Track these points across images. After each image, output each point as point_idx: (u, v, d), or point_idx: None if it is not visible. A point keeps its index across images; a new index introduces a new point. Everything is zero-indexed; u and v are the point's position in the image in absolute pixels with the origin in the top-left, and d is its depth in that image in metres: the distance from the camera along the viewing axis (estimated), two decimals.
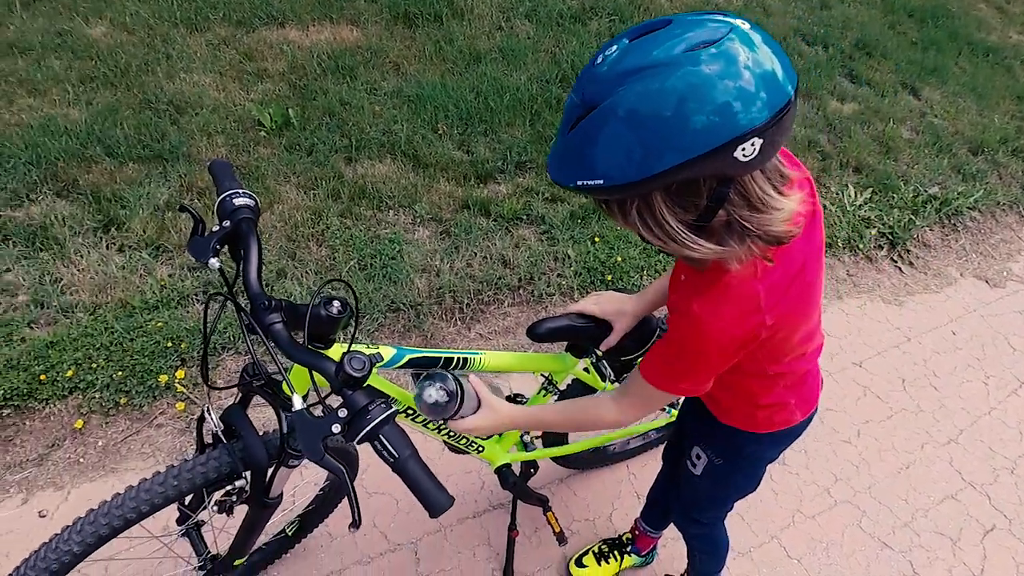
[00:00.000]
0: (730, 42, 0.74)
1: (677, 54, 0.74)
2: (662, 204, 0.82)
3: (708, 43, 0.74)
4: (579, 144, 0.80)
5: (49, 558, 1.11)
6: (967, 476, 2.42)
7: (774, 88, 0.75)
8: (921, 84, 4.56)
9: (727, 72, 0.73)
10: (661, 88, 0.74)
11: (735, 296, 0.94)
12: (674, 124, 0.74)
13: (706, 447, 1.38)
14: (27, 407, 2.04)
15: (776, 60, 0.76)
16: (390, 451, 0.88)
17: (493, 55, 3.65)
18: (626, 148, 0.76)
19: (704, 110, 0.73)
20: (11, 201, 2.52)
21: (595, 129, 0.78)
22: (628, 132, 0.76)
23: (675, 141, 0.74)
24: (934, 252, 3.49)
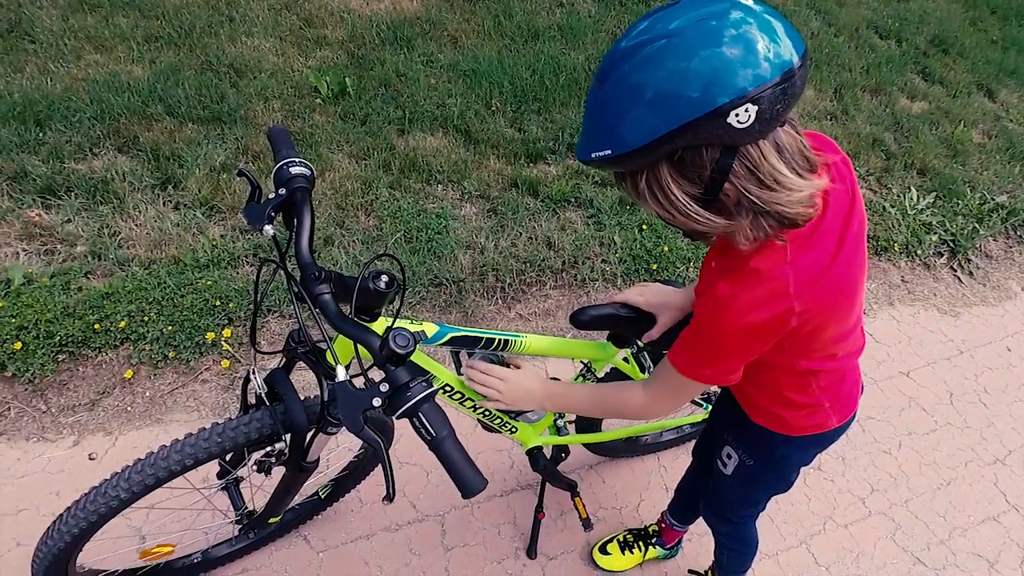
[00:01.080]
0: (726, 14, 0.77)
1: (675, 27, 0.78)
2: (668, 175, 0.85)
3: (707, 17, 0.77)
4: (592, 118, 0.86)
5: (98, 502, 1.16)
6: (1012, 498, 2.34)
7: (772, 56, 0.77)
8: (998, 86, 4.33)
9: (719, 40, 0.76)
10: (658, 58, 0.78)
11: (763, 278, 0.93)
12: (668, 91, 0.78)
13: (737, 447, 1.36)
14: (81, 354, 2.13)
15: (777, 29, 0.78)
16: (428, 429, 0.89)
17: (552, 32, 3.60)
18: (628, 118, 0.80)
19: (696, 76, 0.76)
20: (75, 154, 2.60)
21: (602, 102, 0.83)
22: (630, 102, 0.80)
23: (670, 107, 0.78)
24: (996, 264, 3.34)
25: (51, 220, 2.40)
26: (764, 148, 0.83)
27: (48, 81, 2.82)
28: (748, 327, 0.96)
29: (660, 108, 0.79)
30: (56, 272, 2.26)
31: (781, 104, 0.79)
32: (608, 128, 0.83)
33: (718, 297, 0.96)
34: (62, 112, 2.70)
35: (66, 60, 2.95)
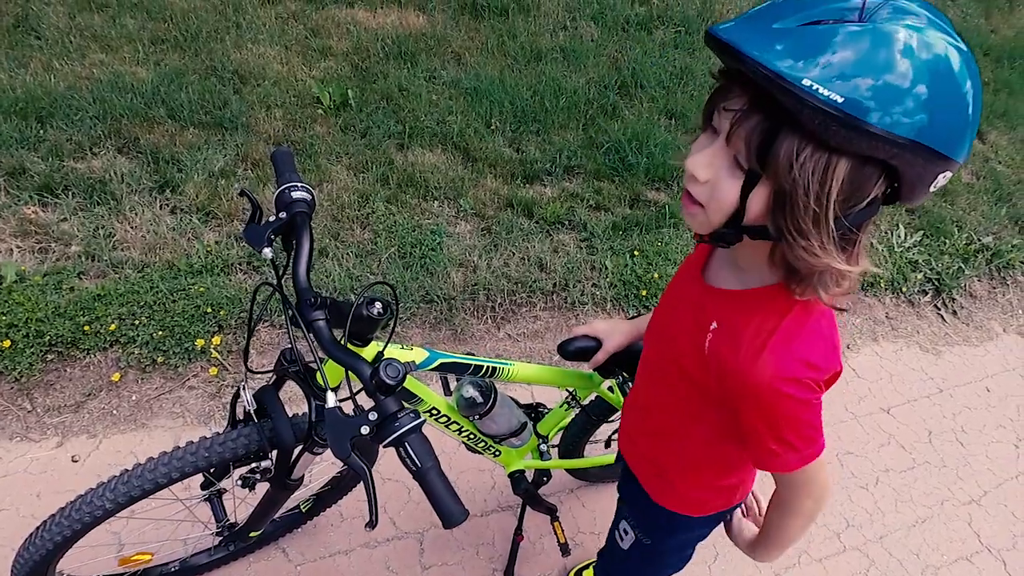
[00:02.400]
0: (973, 63, 0.69)
1: (965, 50, 0.68)
2: (840, 175, 0.70)
3: (969, 57, 0.69)
4: (829, 43, 0.66)
5: (83, 511, 1.17)
6: (985, 539, 2.37)
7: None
8: (988, 127, 4.42)
9: (978, 87, 0.70)
10: (946, 50, 0.66)
11: (822, 316, 0.87)
12: (945, 103, 0.67)
13: (635, 525, 1.31)
14: (69, 355, 2.13)
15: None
16: (414, 459, 0.91)
17: (554, 54, 3.65)
18: (885, 89, 0.65)
19: (963, 110, 0.68)
20: (75, 153, 2.61)
21: (863, 43, 0.65)
22: (900, 76, 0.65)
23: (932, 119, 0.66)
24: (979, 304, 3.40)
25: (47, 218, 2.41)
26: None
27: (52, 78, 2.84)
28: (810, 382, 0.87)
29: (920, 106, 0.66)
30: (49, 271, 2.27)
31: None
32: (851, 75, 0.65)
33: (769, 362, 0.84)
34: (64, 110, 2.71)
35: (71, 58, 2.97)
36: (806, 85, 0.65)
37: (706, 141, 0.79)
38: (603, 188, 3.05)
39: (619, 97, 3.53)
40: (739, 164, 0.75)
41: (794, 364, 0.85)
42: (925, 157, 0.68)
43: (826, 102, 0.64)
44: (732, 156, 0.75)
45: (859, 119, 0.65)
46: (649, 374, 1.17)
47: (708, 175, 0.78)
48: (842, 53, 0.65)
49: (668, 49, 3.91)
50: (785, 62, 0.66)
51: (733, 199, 0.76)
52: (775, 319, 0.86)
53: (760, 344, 0.86)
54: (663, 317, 1.14)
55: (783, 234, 0.74)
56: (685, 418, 1.08)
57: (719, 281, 0.97)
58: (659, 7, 4.19)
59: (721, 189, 0.77)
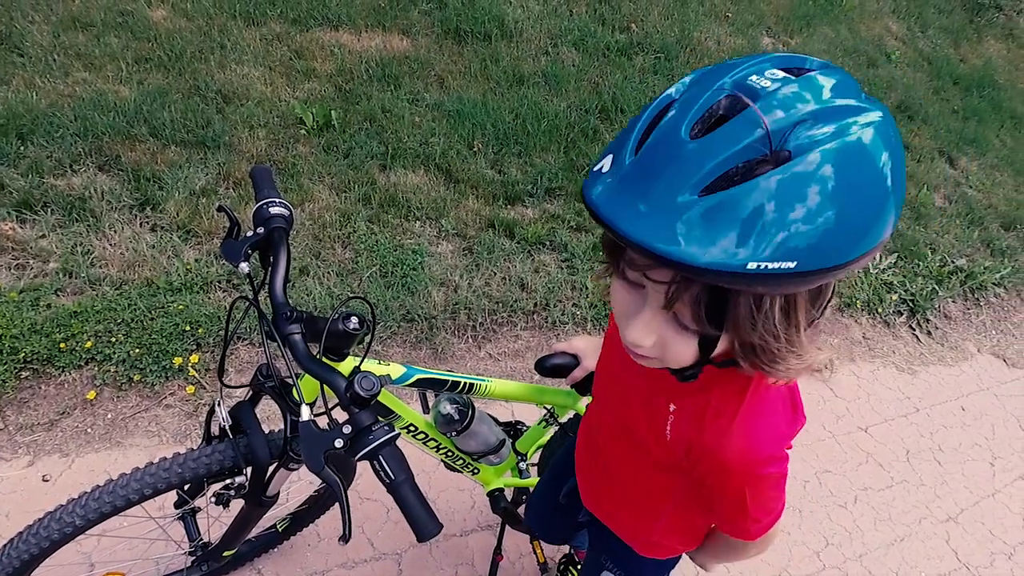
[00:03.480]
0: (889, 119, 0.64)
1: (878, 119, 0.61)
2: (802, 304, 0.67)
3: (884, 120, 0.63)
4: (763, 211, 0.57)
5: (52, 527, 1.15)
6: (963, 557, 2.39)
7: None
8: (959, 153, 4.54)
9: (899, 160, 0.64)
10: (871, 151, 0.60)
11: (774, 390, 0.85)
12: (881, 198, 0.62)
13: (620, 572, 1.30)
14: (44, 372, 2.10)
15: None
16: (387, 472, 0.91)
17: (536, 79, 3.70)
18: (828, 221, 0.59)
19: (898, 191, 0.63)
20: (55, 170, 2.60)
21: (790, 194, 0.57)
22: (832, 202, 0.58)
23: (879, 219, 0.62)
24: (954, 324, 3.47)
25: (25, 235, 2.39)
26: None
27: (34, 95, 2.83)
28: (783, 456, 0.87)
29: (868, 219, 0.61)
30: (26, 287, 2.24)
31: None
32: (796, 231, 0.58)
33: (739, 443, 0.83)
34: (45, 127, 2.70)
35: (54, 76, 2.96)
36: (752, 268, 0.58)
37: (630, 298, 0.73)
38: (584, 210, 3.07)
39: (600, 121, 3.58)
40: (686, 326, 0.70)
41: (765, 443, 0.84)
42: (861, 259, 0.64)
43: (777, 273, 0.59)
44: (674, 317, 0.70)
45: (818, 270, 0.60)
46: (607, 442, 1.13)
47: (652, 340, 0.72)
48: (774, 215, 0.57)
49: (647, 75, 3.99)
50: (715, 254, 0.58)
51: (691, 354, 0.72)
52: (734, 396, 0.83)
53: (725, 425, 0.83)
54: (613, 398, 1.08)
55: (760, 367, 0.71)
56: (653, 492, 1.07)
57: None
58: (639, 34, 4.28)
59: (674, 350, 0.72)
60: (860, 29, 5.30)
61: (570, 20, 4.17)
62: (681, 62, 4.19)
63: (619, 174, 0.63)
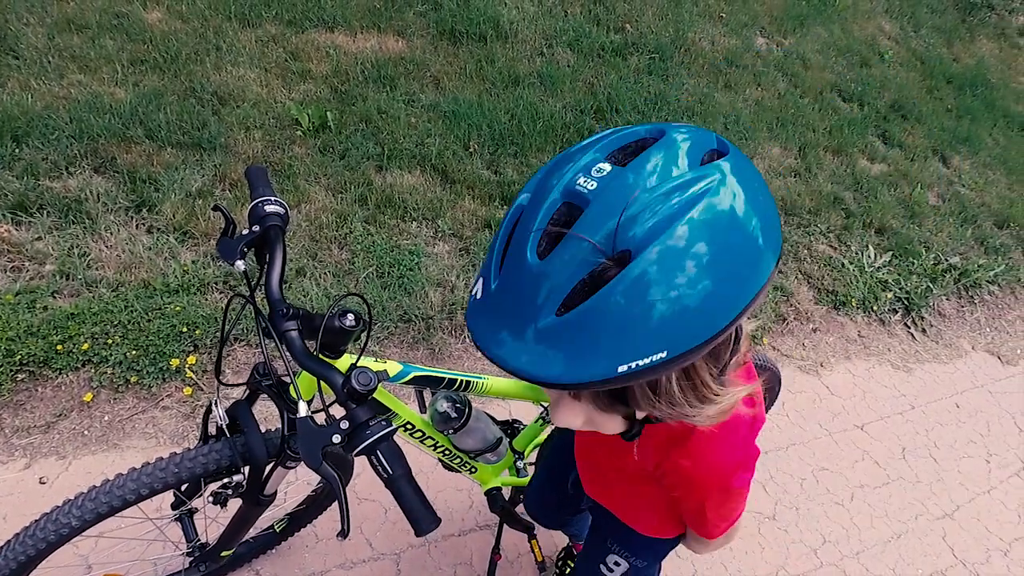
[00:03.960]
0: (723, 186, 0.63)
1: (715, 182, 0.62)
2: (701, 367, 0.69)
3: (737, 191, 0.63)
4: (616, 313, 0.58)
5: (48, 529, 1.15)
6: (959, 553, 2.40)
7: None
8: (952, 152, 4.56)
9: (759, 197, 0.65)
10: (717, 219, 0.60)
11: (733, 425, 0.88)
12: (744, 254, 0.62)
13: (628, 555, 1.33)
14: (41, 374, 2.10)
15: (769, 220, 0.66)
16: (385, 467, 0.91)
17: (532, 80, 3.71)
18: (685, 304, 0.59)
19: (767, 231, 0.64)
20: (51, 172, 2.60)
21: (643, 288, 0.58)
22: (688, 284, 0.59)
23: (748, 278, 0.62)
24: (948, 322, 3.48)
25: (20, 237, 2.38)
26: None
27: (29, 98, 2.83)
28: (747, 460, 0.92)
29: (736, 283, 0.62)
30: (22, 290, 2.24)
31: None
32: (655, 325, 0.58)
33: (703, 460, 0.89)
34: (40, 129, 2.70)
35: (49, 78, 2.96)
36: (623, 371, 0.59)
37: (554, 398, 0.78)
38: None
39: (595, 121, 3.59)
40: (604, 405, 0.72)
41: (726, 456, 0.89)
42: (754, 301, 0.64)
43: (652, 365, 0.59)
44: (591, 400, 0.72)
45: (686, 354, 0.60)
46: (593, 446, 1.21)
47: (580, 420, 0.77)
48: (630, 315, 0.58)
49: (642, 75, 4.01)
50: (583, 369, 0.60)
51: (619, 425, 0.79)
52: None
53: (686, 448, 0.89)
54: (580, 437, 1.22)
55: (683, 418, 0.72)
56: (639, 492, 1.14)
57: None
58: (633, 35, 4.29)
59: (603, 425, 0.79)
60: (853, 29, 5.32)
61: (565, 21, 4.18)
62: (675, 62, 4.21)
63: (486, 302, 0.66)
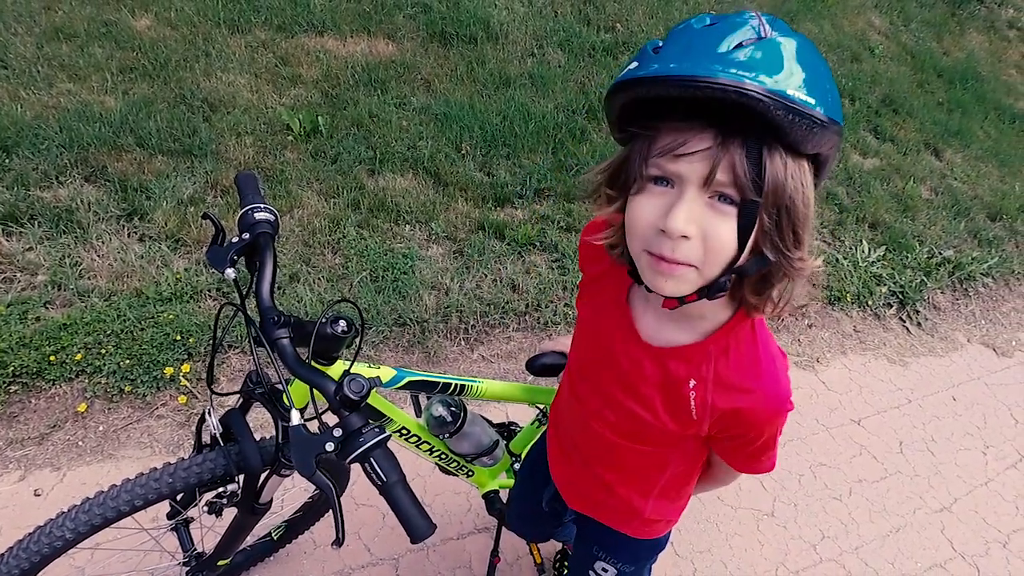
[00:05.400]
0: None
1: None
2: (810, 175, 0.74)
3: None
4: (777, 57, 0.68)
5: (42, 542, 1.14)
6: (958, 546, 2.40)
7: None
8: (944, 145, 4.58)
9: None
10: (810, 45, 0.73)
11: (773, 346, 0.91)
12: (830, 77, 0.73)
13: (615, 561, 1.30)
14: (34, 386, 2.09)
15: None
16: (379, 474, 0.91)
17: (523, 80, 3.71)
18: (827, 84, 0.71)
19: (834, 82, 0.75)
20: (41, 182, 2.59)
21: (795, 51, 0.69)
22: (825, 69, 0.72)
23: (835, 98, 0.72)
24: (943, 315, 3.49)
25: (11, 248, 2.37)
26: None
27: (18, 108, 2.81)
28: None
29: (834, 95, 0.72)
30: (14, 301, 2.23)
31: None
32: (809, 79, 0.68)
33: (771, 388, 0.88)
34: (30, 139, 2.68)
35: (38, 87, 2.95)
36: (791, 95, 0.66)
37: (660, 201, 0.74)
38: (573, 210, 3.09)
39: (587, 121, 3.59)
40: (721, 203, 0.72)
41: (786, 379, 0.90)
42: (840, 135, 0.72)
43: (805, 106, 0.67)
44: (706, 200, 0.72)
45: (829, 117, 0.68)
46: (592, 435, 1.11)
47: (696, 228, 0.72)
48: (786, 63, 0.67)
49: None
50: (761, 80, 0.65)
51: (732, 242, 0.73)
52: (749, 347, 0.88)
53: (755, 370, 0.88)
54: (602, 388, 1.04)
55: (783, 254, 0.74)
56: (651, 467, 1.09)
57: (666, 337, 0.92)
58: (623, 34, 4.30)
59: (716, 237, 0.72)
60: (843, 24, 5.33)
61: (555, 21, 4.18)
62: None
63: (658, 55, 0.71)
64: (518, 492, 1.61)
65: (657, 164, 0.73)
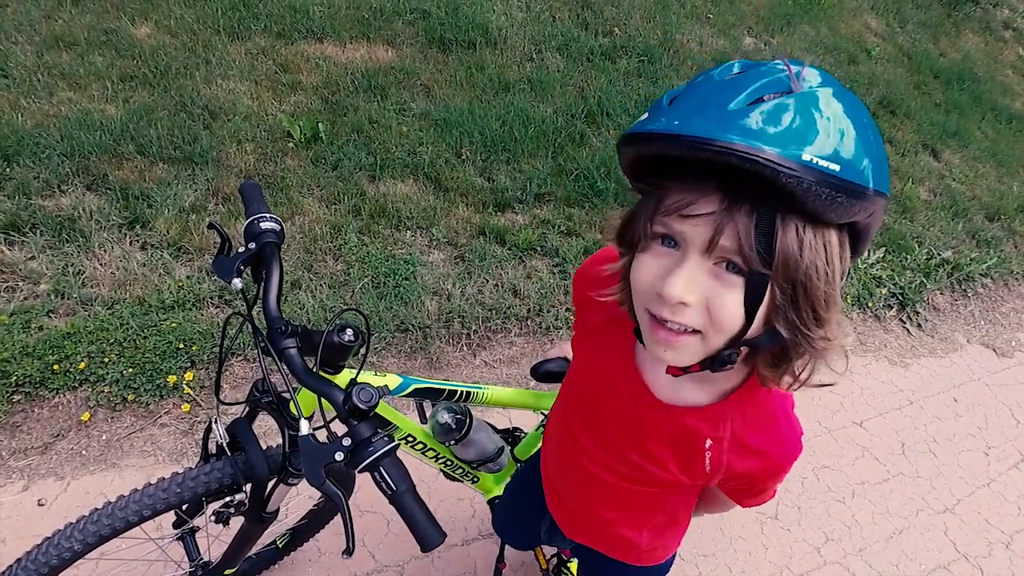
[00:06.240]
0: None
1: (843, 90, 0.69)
2: (837, 248, 0.67)
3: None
4: (801, 115, 0.62)
5: (50, 553, 1.14)
6: (961, 547, 2.41)
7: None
8: (942, 146, 4.59)
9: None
10: (854, 97, 0.67)
11: (789, 407, 0.92)
12: (881, 146, 0.67)
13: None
14: (37, 395, 2.09)
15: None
16: (389, 483, 0.91)
17: (522, 85, 3.72)
18: (861, 147, 0.64)
19: (881, 143, 0.69)
20: (42, 191, 2.59)
21: (821, 109, 0.63)
22: (862, 131, 0.64)
23: (883, 165, 0.67)
24: (943, 316, 3.50)
25: (14, 257, 2.37)
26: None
27: (19, 116, 2.81)
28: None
29: (875, 159, 0.65)
30: (16, 310, 2.23)
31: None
32: (833, 141, 0.62)
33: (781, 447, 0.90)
34: (31, 148, 2.69)
35: (38, 96, 2.95)
36: (807, 160, 0.60)
37: (663, 263, 0.71)
38: (574, 214, 3.10)
39: (586, 125, 3.60)
40: (728, 271, 0.67)
41: (798, 429, 0.92)
42: (882, 204, 0.67)
43: (827, 173, 0.61)
44: (711, 266, 0.68)
45: (858, 184, 0.62)
46: (594, 475, 1.06)
47: (695, 296, 0.68)
48: (810, 123, 0.62)
49: (632, 78, 4.02)
50: (772, 144, 0.60)
51: (738, 314, 0.68)
52: (767, 407, 0.88)
53: (772, 434, 0.89)
54: (603, 435, 1.01)
55: (799, 331, 0.68)
56: (653, 507, 1.09)
57: (682, 396, 0.89)
58: (622, 38, 4.31)
59: (720, 307, 0.68)
60: (840, 27, 5.35)
61: (553, 26, 4.19)
62: (664, 64, 4.22)
63: (670, 108, 0.68)
64: (507, 498, 1.59)
65: (663, 223, 0.69)
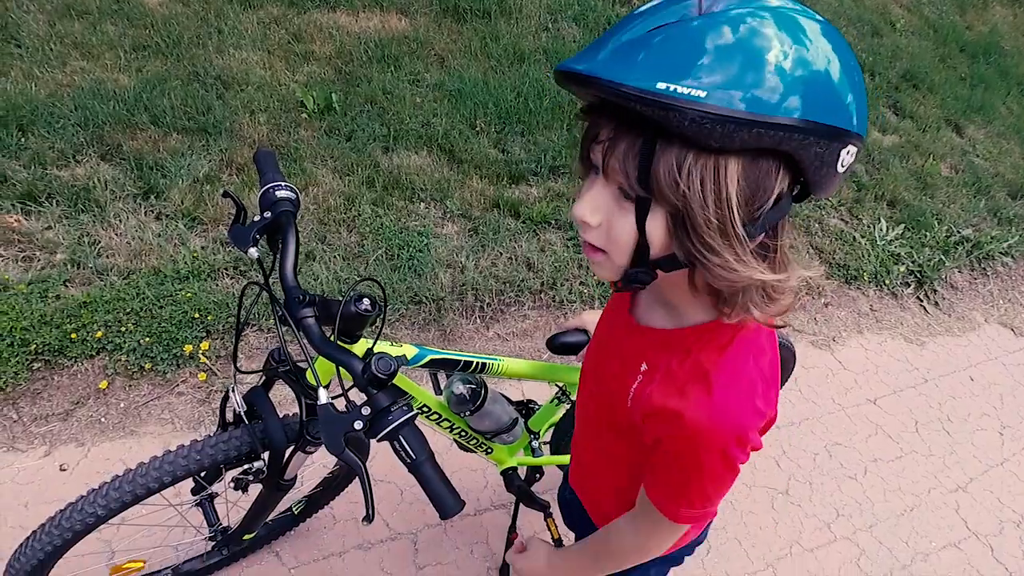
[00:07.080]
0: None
1: (817, 17, 0.66)
2: (733, 176, 0.65)
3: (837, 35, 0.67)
4: (676, 43, 0.62)
5: (74, 518, 1.16)
6: (972, 525, 2.41)
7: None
8: (966, 122, 4.50)
9: (855, 61, 0.68)
10: (809, 31, 0.64)
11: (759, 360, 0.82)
12: (815, 73, 0.63)
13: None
14: (57, 363, 2.11)
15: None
16: (408, 452, 0.91)
17: (537, 56, 3.67)
18: (747, 72, 0.61)
19: (848, 77, 0.65)
20: (58, 161, 2.59)
21: (708, 34, 0.62)
22: (756, 55, 0.61)
23: (807, 92, 0.62)
24: (961, 295, 3.46)
25: (30, 226, 2.38)
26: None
27: (33, 86, 2.81)
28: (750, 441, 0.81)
29: (791, 85, 0.62)
30: (34, 279, 2.24)
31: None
32: (705, 66, 0.61)
33: (714, 408, 0.78)
34: (46, 118, 2.68)
35: (52, 66, 2.94)
36: (662, 88, 0.60)
37: (589, 184, 0.75)
38: None
39: None
40: (625, 195, 0.70)
41: (739, 414, 0.80)
42: (816, 135, 0.64)
43: (689, 100, 0.60)
44: (615, 190, 0.71)
45: (729, 110, 0.60)
46: (582, 429, 1.11)
47: (598, 217, 0.73)
48: (691, 50, 0.61)
49: None
50: (635, 74, 0.61)
51: (631, 234, 0.71)
52: (714, 355, 0.81)
53: (700, 389, 0.79)
54: (592, 366, 1.06)
55: (693, 257, 0.69)
56: (610, 460, 1.04)
57: (650, 320, 0.91)
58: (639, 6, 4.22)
59: (616, 227, 0.72)
60: None
61: None
62: None
63: (595, 41, 0.70)
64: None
65: (584, 154, 0.75)
